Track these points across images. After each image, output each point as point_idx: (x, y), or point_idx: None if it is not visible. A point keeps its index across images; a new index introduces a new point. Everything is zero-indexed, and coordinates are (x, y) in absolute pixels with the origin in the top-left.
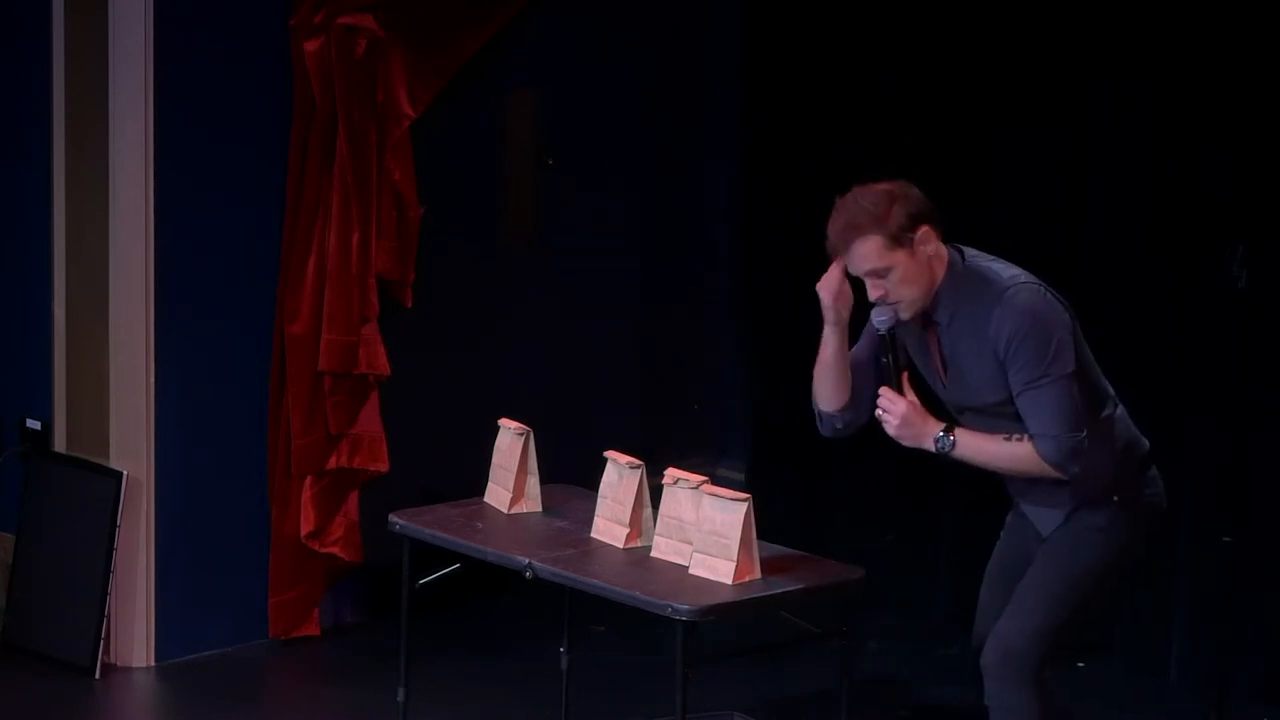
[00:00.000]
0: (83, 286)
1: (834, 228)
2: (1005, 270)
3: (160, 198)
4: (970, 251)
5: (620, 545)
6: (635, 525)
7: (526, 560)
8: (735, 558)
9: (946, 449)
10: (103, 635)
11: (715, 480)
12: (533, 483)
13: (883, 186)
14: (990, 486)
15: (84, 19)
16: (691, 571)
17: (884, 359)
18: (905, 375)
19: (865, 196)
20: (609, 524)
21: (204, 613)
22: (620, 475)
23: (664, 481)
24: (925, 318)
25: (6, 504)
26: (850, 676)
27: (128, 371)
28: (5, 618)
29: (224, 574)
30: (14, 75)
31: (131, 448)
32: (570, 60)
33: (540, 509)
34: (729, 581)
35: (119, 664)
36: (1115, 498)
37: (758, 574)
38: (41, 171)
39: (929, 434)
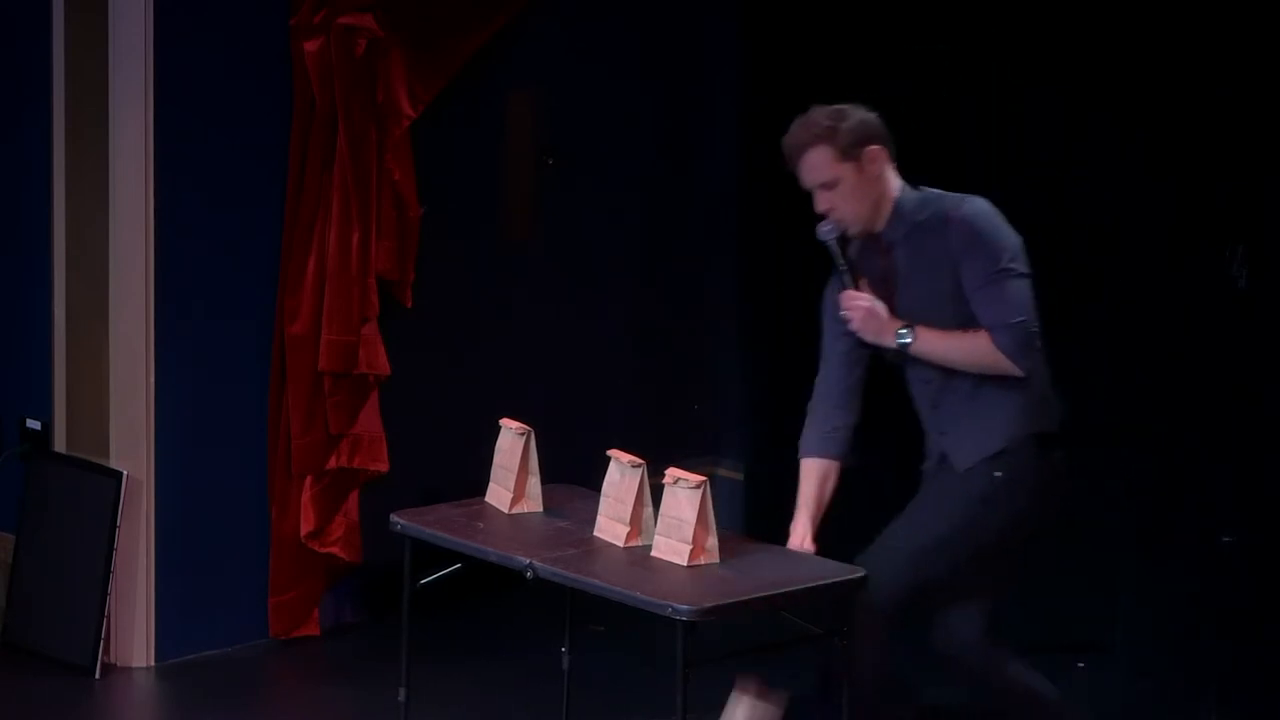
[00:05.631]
0: (83, 286)
1: (788, 139)
2: (960, 195)
3: (160, 198)
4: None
5: (621, 544)
6: (636, 524)
7: (527, 560)
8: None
9: (906, 342)
10: (103, 635)
11: (715, 480)
12: (534, 483)
13: (837, 106)
14: None
15: (84, 18)
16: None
17: (839, 266)
18: (862, 279)
19: (820, 111)
20: (610, 522)
21: (204, 613)
22: (622, 474)
23: (664, 481)
24: (876, 239)
25: (6, 504)
26: (850, 676)
27: (128, 371)
28: (5, 618)
29: (224, 574)
30: (14, 75)
31: (131, 448)
32: (570, 60)
33: (541, 509)
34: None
35: (119, 664)
36: (997, 474)
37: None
38: (41, 172)
39: (890, 329)
